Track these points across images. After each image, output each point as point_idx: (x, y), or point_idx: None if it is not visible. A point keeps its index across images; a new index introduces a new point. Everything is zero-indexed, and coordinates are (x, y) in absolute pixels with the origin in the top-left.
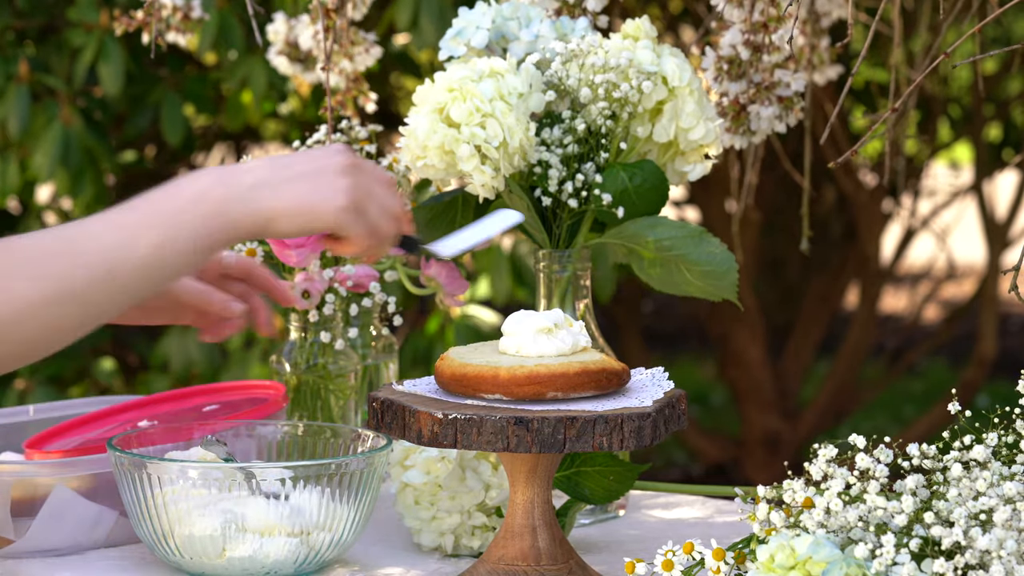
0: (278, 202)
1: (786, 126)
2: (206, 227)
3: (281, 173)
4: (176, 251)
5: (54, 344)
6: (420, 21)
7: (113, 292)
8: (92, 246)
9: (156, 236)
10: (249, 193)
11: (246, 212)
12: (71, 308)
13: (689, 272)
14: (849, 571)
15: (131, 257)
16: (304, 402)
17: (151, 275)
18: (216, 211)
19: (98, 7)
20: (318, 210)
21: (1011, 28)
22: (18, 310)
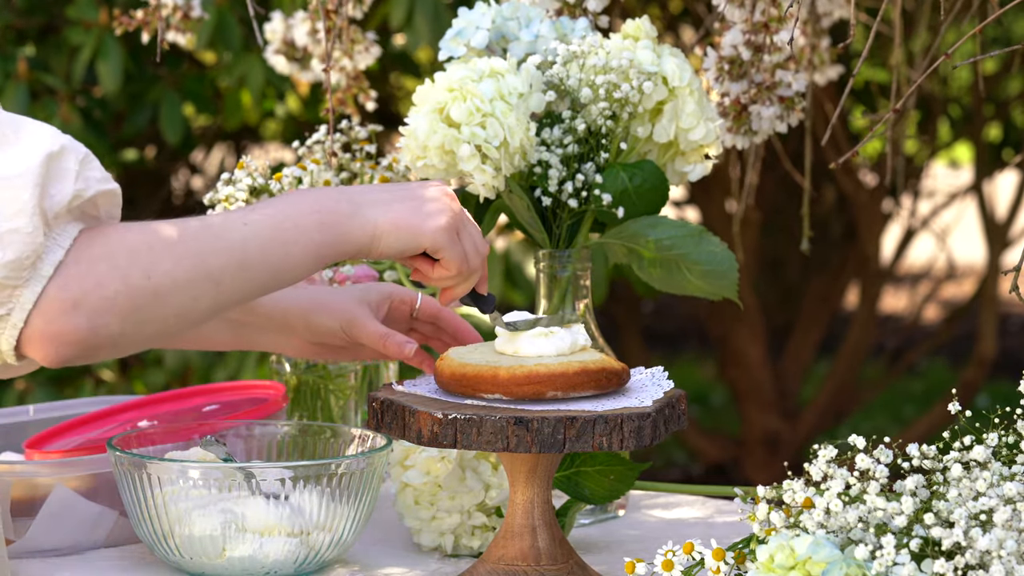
0: (386, 218)
1: (787, 126)
2: (327, 238)
3: (391, 195)
4: (300, 253)
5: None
6: (414, 20)
7: (242, 282)
8: (229, 236)
9: (285, 236)
10: (363, 209)
11: (359, 227)
12: (206, 291)
13: (689, 272)
14: (849, 571)
15: (262, 250)
16: (304, 402)
17: (276, 273)
18: (334, 222)
19: (97, 5)
20: (421, 227)
21: (1011, 28)
22: (160, 286)
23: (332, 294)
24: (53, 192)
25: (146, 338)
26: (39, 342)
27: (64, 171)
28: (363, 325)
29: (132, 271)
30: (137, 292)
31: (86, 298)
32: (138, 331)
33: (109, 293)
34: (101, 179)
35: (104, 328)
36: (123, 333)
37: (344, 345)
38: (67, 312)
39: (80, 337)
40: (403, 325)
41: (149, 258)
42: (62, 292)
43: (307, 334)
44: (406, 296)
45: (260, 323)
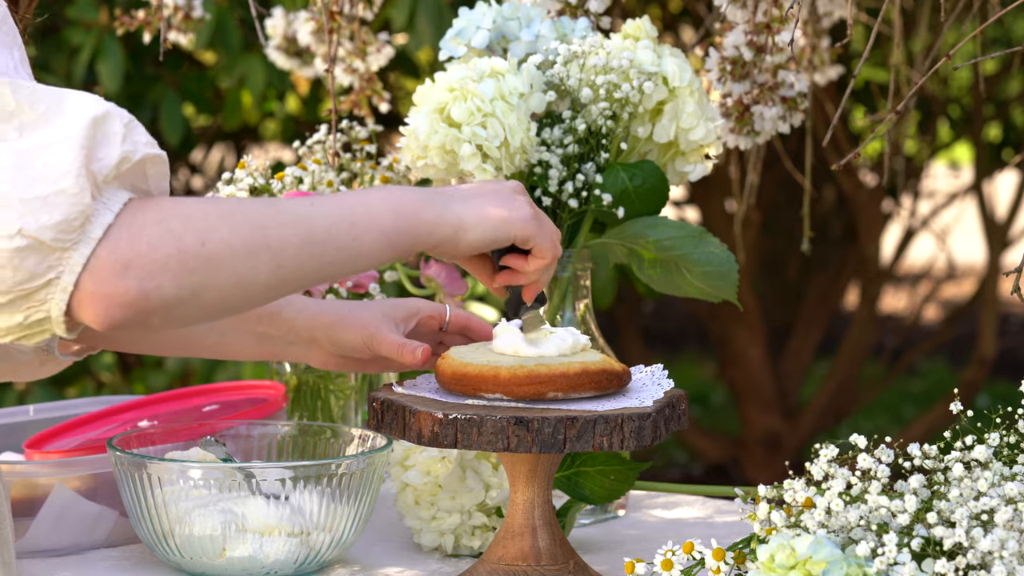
0: (470, 212)
1: (789, 126)
2: (400, 225)
3: (468, 191)
4: (370, 239)
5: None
6: (416, 21)
7: (305, 258)
8: (293, 210)
9: (354, 218)
10: (444, 202)
11: (440, 217)
12: (265, 262)
13: (689, 272)
14: (849, 571)
15: (327, 230)
16: (304, 402)
17: (343, 253)
18: (413, 212)
19: (97, 5)
20: (507, 219)
21: (1011, 28)
22: (215, 253)
23: (357, 308)
24: (100, 155)
25: (205, 306)
26: (90, 304)
27: (111, 134)
28: (383, 338)
29: (186, 236)
30: (190, 257)
31: (137, 260)
32: (194, 297)
33: (160, 256)
34: (148, 143)
35: (156, 291)
36: (178, 297)
37: (369, 359)
38: (118, 273)
39: (131, 299)
40: (432, 339)
41: (204, 224)
42: (112, 254)
43: (331, 347)
44: (434, 311)
45: (285, 335)
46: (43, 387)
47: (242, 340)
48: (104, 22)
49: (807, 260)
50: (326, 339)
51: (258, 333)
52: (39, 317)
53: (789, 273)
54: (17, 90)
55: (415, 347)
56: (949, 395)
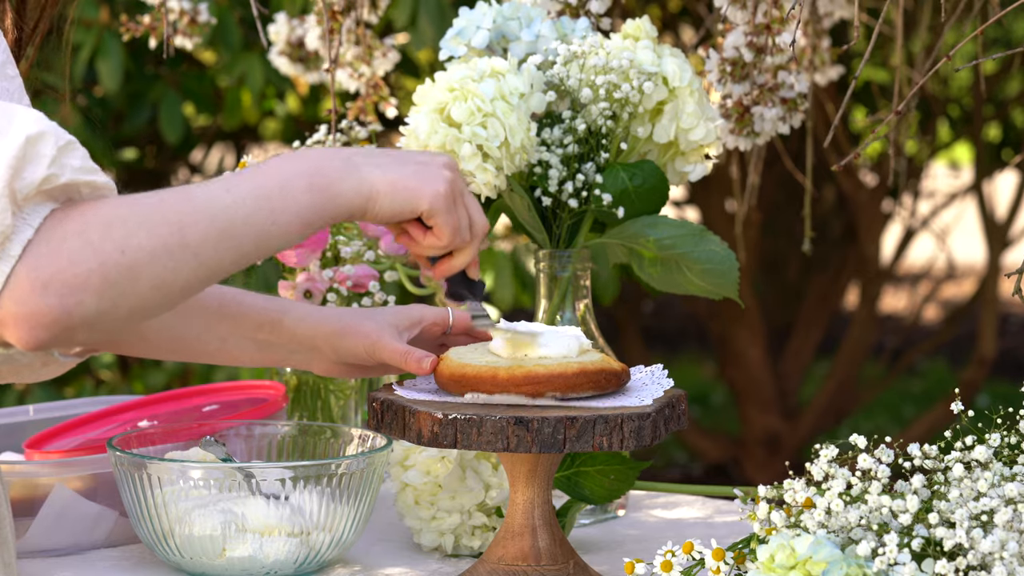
0: (383, 180)
1: (788, 127)
2: (314, 199)
3: (390, 158)
4: (286, 219)
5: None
6: (418, 21)
7: (224, 251)
8: (209, 205)
9: (271, 203)
10: (357, 170)
11: (352, 187)
12: (185, 262)
13: (690, 271)
14: (849, 571)
15: (245, 219)
16: (304, 402)
17: (262, 239)
18: (326, 184)
19: (98, 4)
20: (418, 191)
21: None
22: (135, 260)
23: (360, 317)
24: (25, 174)
25: (125, 315)
26: (12, 325)
27: (39, 155)
28: (385, 345)
29: (105, 246)
30: (111, 268)
31: (57, 277)
32: (115, 308)
33: (81, 271)
34: (81, 169)
35: (78, 307)
36: (99, 311)
37: (372, 365)
38: (38, 292)
39: (53, 318)
40: (436, 343)
41: (123, 231)
42: (32, 272)
43: (333, 355)
44: (438, 318)
45: (287, 344)
46: (43, 387)
47: (243, 347)
48: (105, 21)
49: (807, 260)
50: (328, 347)
51: (259, 341)
52: None
53: (789, 273)
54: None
55: (420, 356)
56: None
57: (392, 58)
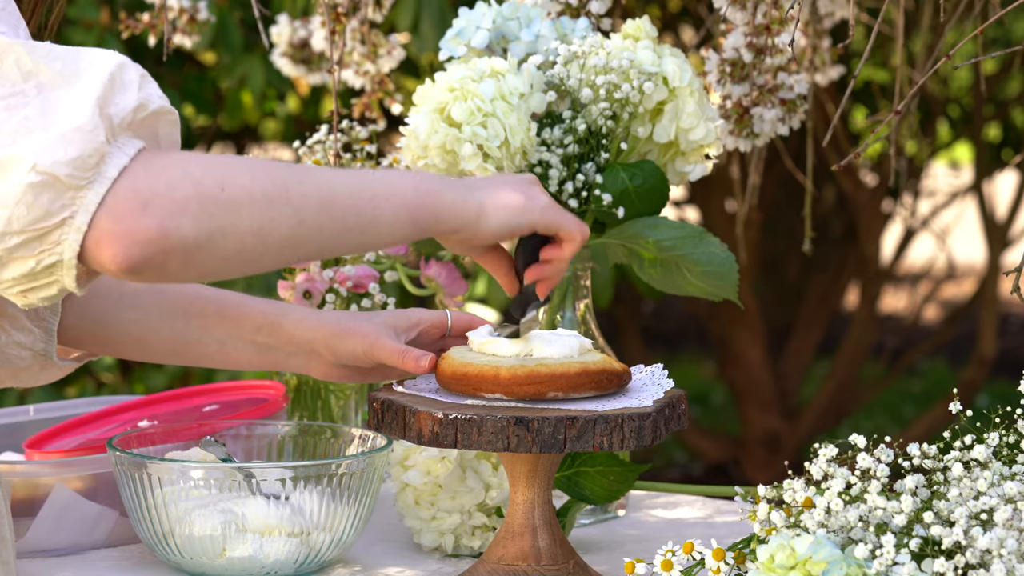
0: (490, 199)
1: (788, 128)
2: (422, 203)
3: (485, 181)
4: (391, 210)
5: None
6: (421, 24)
7: (325, 220)
8: (315, 172)
9: (375, 188)
10: (465, 188)
11: (461, 201)
12: (285, 216)
13: (689, 272)
14: (849, 571)
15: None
16: (304, 402)
17: (363, 222)
18: (435, 192)
19: (98, 5)
20: (527, 206)
21: (1011, 28)
22: (235, 198)
23: (358, 319)
24: (117, 100)
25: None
26: (108, 243)
27: (127, 82)
28: (383, 346)
29: (206, 179)
30: (210, 200)
31: (157, 199)
32: (212, 242)
33: (180, 196)
34: (161, 96)
35: (176, 231)
36: (197, 240)
37: (370, 368)
38: (136, 212)
39: (151, 236)
40: (435, 346)
41: (224, 171)
42: (131, 192)
43: (332, 358)
44: (436, 320)
45: (285, 346)
46: (43, 387)
47: (242, 349)
48: (105, 22)
49: (807, 260)
50: (327, 350)
51: (258, 343)
52: (51, 261)
53: (789, 273)
54: (33, 50)
55: (418, 355)
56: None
57: (397, 55)
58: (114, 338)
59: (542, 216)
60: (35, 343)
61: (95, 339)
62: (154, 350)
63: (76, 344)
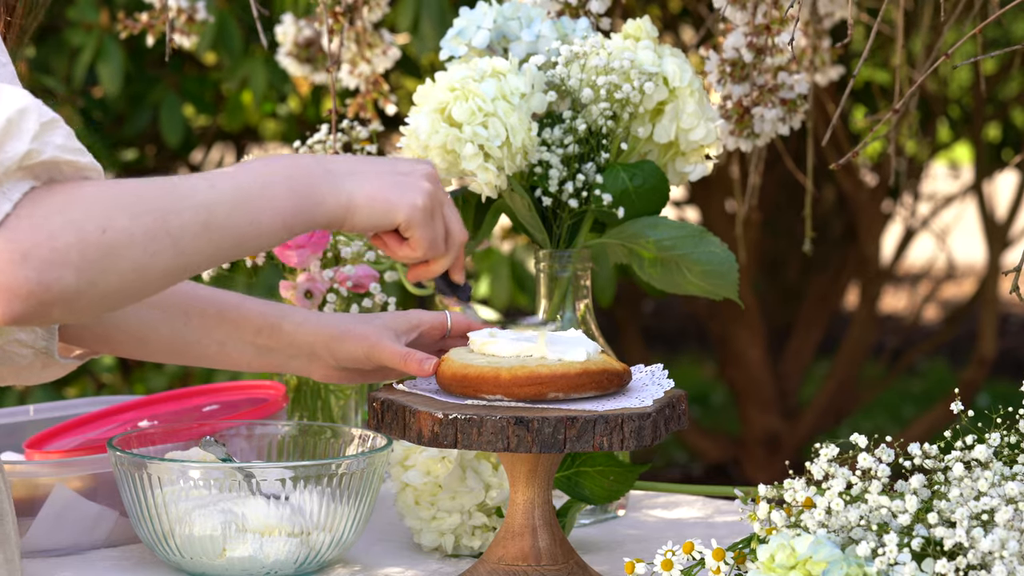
0: (362, 191)
1: (788, 128)
2: (295, 204)
3: (370, 167)
4: (267, 220)
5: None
6: (421, 24)
7: (204, 244)
8: (193, 197)
9: (249, 202)
10: (339, 179)
11: (333, 195)
12: (164, 249)
13: (690, 272)
14: (850, 571)
15: (226, 216)
16: (304, 402)
17: (241, 237)
18: (307, 190)
19: (97, 7)
20: (396, 203)
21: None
22: (116, 241)
23: (358, 322)
24: (7, 148)
25: (101, 295)
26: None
27: (22, 130)
28: (384, 348)
29: (87, 224)
30: (91, 245)
31: (36, 250)
32: (92, 287)
33: (60, 245)
34: (64, 147)
35: (56, 282)
36: (77, 288)
37: (371, 369)
38: (15, 264)
39: (30, 290)
40: (434, 347)
41: (105, 212)
42: (10, 243)
43: (332, 360)
44: (436, 321)
45: (286, 349)
46: (43, 387)
47: (242, 351)
48: (105, 24)
49: (807, 260)
50: (327, 353)
51: (259, 345)
52: None
53: (789, 273)
54: None
55: (421, 358)
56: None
57: (392, 55)
58: (114, 336)
59: (405, 218)
60: (36, 341)
61: (96, 337)
62: (154, 349)
63: (77, 342)
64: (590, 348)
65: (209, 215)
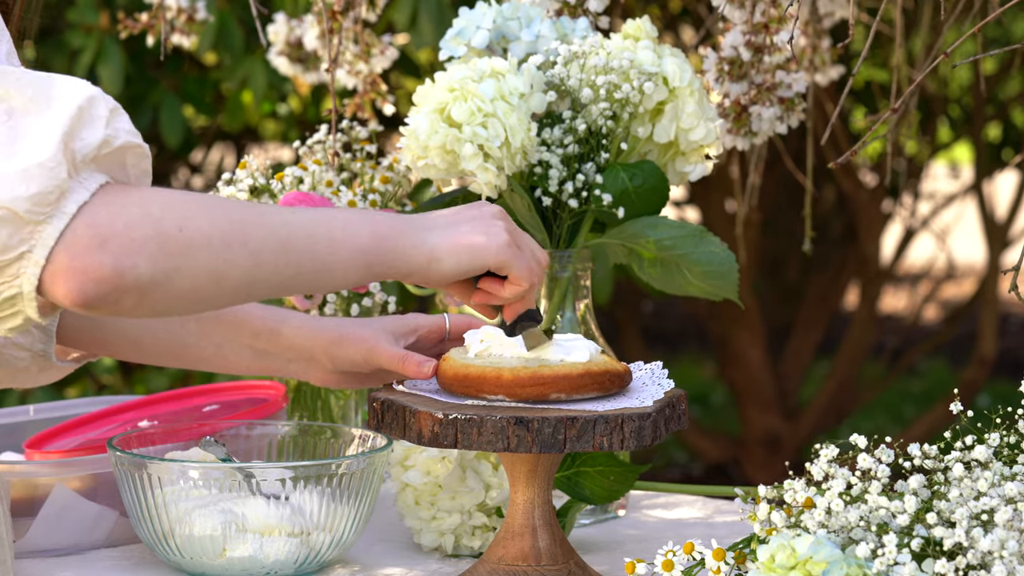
0: (445, 240)
1: (787, 127)
2: (378, 248)
3: (444, 220)
4: (347, 255)
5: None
6: (418, 21)
7: (283, 263)
8: (273, 216)
9: (332, 233)
10: (420, 231)
11: (416, 245)
12: (241, 259)
13: (689, 272)
14: (850, 571)
15: (308, 238)
16: (304, 402)
17: (319, 266)
18: (391, 236)
19: (97, 8)
20: (483, 247)
21: (1011, 28)
22: (193, 241)
23: (356, 325)
24: (83, 135)
25: (178, 294)
26: (63, 278)
27: (95, 117)
28: (382, 351)
29: (165, 220)
30: (168, 240)
31: (114, 237)
32: (168, 281)
33: (138, 235)
34: (129, 132)
35: (131, 270)
36: (152, 279)
37: (369, 373)
38: (93, 248)
39: (105, 274)
40: (433, 350)
41: (184, 211)
42: (89, 228)
43: (330, 365)
44: (434, 325)
45: (284, 353)
46: (43, 388)
47: (239, 354)
48: (105, 25)
49: (807, 260)
50: (325, 357)
51: (257, 349)
52: (11, 293)
53: (789, 273)
54: (3, 76)
55: (420, 360)
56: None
57: (390, 55)
58: (112, 339)
59: (496, 257)
60: (34, 344)
61: (93, 340)
62: (151, 352)
63: (75, 344)
64: (591, 349)
65: (288, 235)
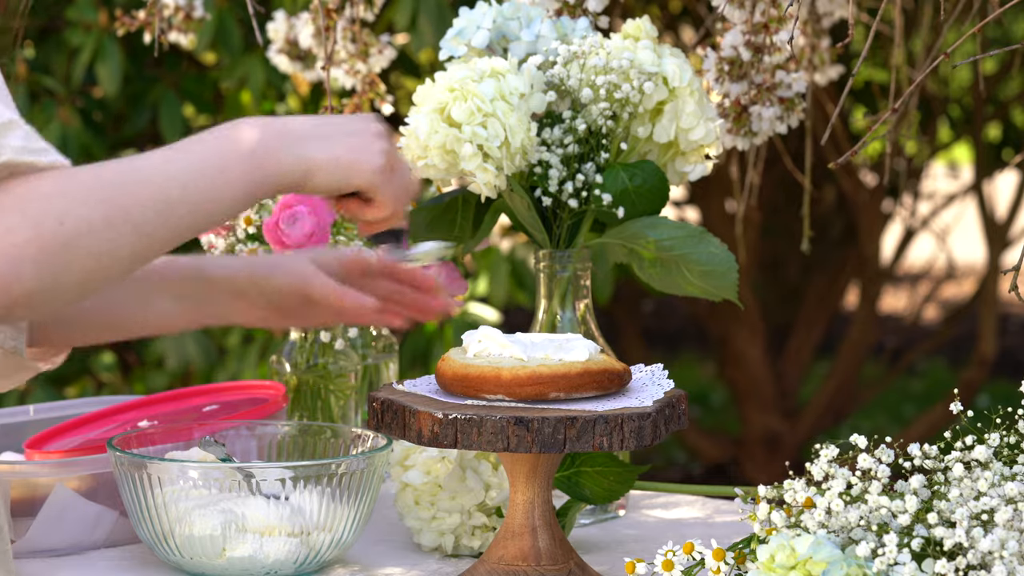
0: (322, 155)
1: (787, 127)
2: (255, 172)
3: (326, 130)
4: (228, 192)
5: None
6: (419, 21)
7: (167, 223)
8: (151, 177)
9: (210, 174)
10: (297, 143)
11: (293, 161)
12: (125, 234)
13: (689, 272)
14: (850, 571)
15: (187, 191)
16: (304, 402)
17: (203, 213)
18: (266, 157)
19: (97, 7)
20: (357, 167)
21: (1011, 28)
22: (75, 231)
23: (284, 258)
24: None
25: (66, 290)
26: None
27: None
28: (317, 281)
29: (44, 218)
30: (48, 239)
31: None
32: (55, 282)
33: (19, 240)
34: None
35: (17, 281)
36: (39, 285)
37: (297, 306)
38: None
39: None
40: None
41: (62, 204)
42: None
43: (259, 298)
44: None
45: (209, 293)
46: (43, 387)
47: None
48: (104, 24)
49: (807, 260)
50: (254, 290)
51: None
52: None
53: (789, 273)
54: None
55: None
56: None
57: (388, 55)
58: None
59: (367, 181)
60: (5, 341)
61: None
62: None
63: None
64: (590, 348)
65: (167, 194)
